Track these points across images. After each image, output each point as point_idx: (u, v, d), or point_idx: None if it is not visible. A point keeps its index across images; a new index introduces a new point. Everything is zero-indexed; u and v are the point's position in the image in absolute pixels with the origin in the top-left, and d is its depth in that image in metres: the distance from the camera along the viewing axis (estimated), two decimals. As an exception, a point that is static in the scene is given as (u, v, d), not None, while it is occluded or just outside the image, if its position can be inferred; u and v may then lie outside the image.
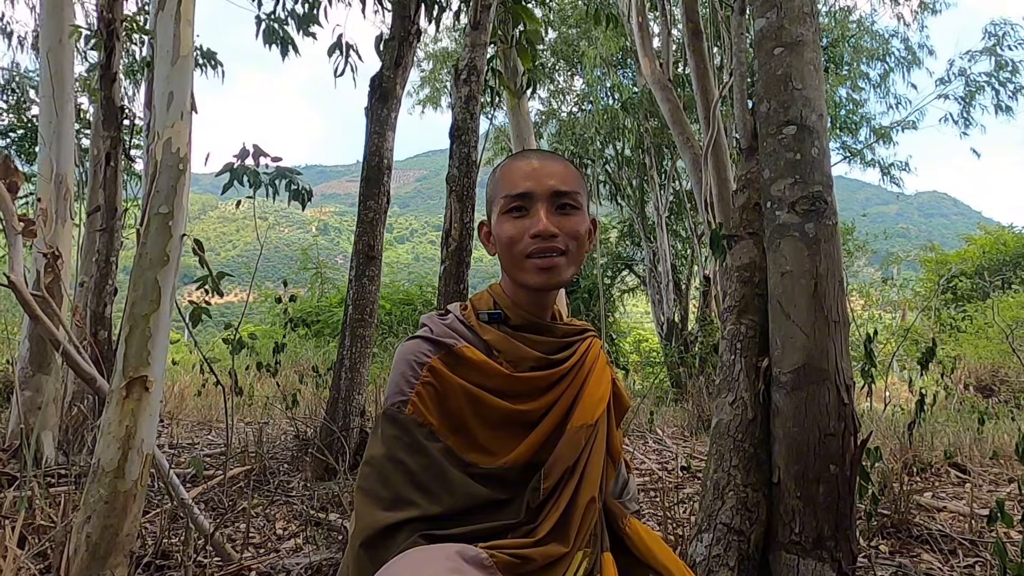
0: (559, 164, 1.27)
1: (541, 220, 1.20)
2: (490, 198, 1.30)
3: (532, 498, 1.18)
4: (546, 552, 1.15)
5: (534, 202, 1.22)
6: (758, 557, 1.99)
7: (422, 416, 1.18)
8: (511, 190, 1.23)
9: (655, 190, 14.29)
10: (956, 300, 17.57)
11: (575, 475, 1.21)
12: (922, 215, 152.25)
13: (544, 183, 1.22)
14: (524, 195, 1.22)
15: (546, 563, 1.14)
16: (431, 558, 1.04)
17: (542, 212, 1.21)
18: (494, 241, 1.28)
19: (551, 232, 1.20)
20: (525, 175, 1.24)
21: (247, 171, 3.60)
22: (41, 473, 3.01)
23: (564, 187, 1.23)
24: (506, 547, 1.12)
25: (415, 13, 4.37)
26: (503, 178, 1.27)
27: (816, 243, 2.03)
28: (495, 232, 1.27)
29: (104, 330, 4.62)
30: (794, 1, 2.18)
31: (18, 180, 2.46)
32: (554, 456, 1.21)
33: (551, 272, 1.21)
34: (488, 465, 1.19)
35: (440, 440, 1.18)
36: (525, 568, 1.11)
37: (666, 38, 9.32)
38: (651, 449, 4.88)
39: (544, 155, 1.29)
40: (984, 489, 3.68)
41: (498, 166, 1.32)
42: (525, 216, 1.22)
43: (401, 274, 20.62)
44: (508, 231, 1.23)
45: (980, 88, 14.66)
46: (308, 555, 2.57)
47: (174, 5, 2.25)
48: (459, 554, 1.05)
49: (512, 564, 1.10)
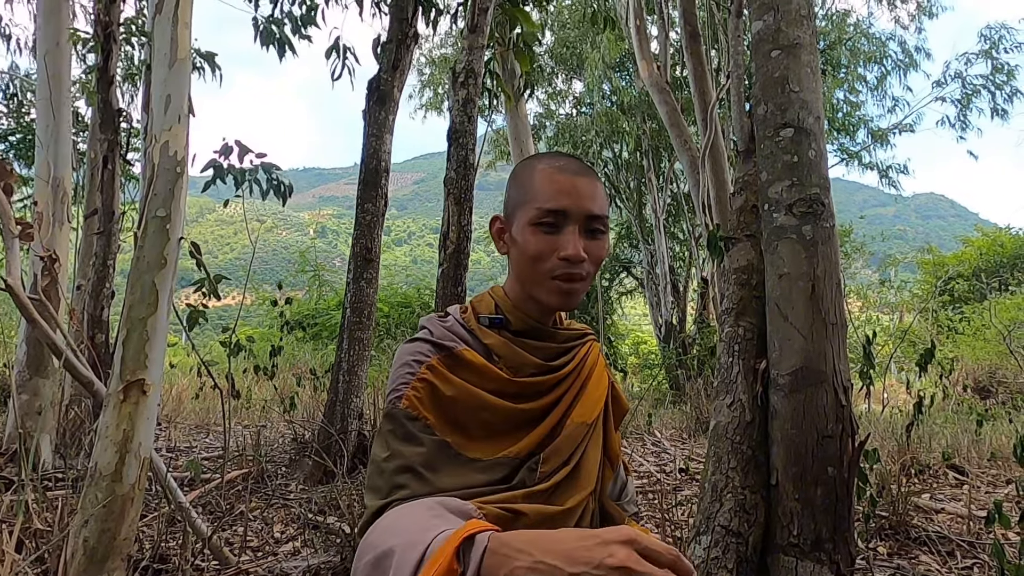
0: (596, 183, 1.23)
1: (572, 244, 1.17)
2: (517, 200, 1.24)
3: (528, 477, 1.18)
4: (539, 508, 1.13)
5: (568, 222, 1.18)
6: (756, 559, 1.99)
7: (416, 410, 1.17)
8: (546, 203, 1.18)
9: (653, 192, 14.31)
10: (953, 302, 17.59)
11: (571, 464, 1.21)
12: (919, 217, 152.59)
13: (582, 204, 1.18)
14: (559, 212, 1.18)
15: (538, 521, 1.11)
16: (414, 507, 1.01)
17: (575, 235, 1.18)
18: (509, 242, 1.25)
19: (581, 258, 1.17)
20: (564, 190, 1.19)
21: (230, 169, 3.59)
22: (38, 477, 3.01)
23: (598, 211, 1.20)
24: (496, 501, 1.10)
25: (412, 16, 4.38)
26: (540, 186, 1.21)
27: (813, 245, 2.03)
28: (518, 238, 1.22)
29: (101, 333, 4.62)
30: (791, 4, 2.19)
31: (13, 182, 2.46)
32: (553, 446, 1.21)
33: (571, 296, 1.20)
34: (488, 458, 1.18)
35: (436, 434, 1.16)
36: (516, 524, 1.08)
37: (664, 41, 9.34)
38: (649, 451, 4.88)
39: (580, 167, 1.24)
40: (982, 490, 3.69)
41: (528, 165, 1.26)
42: (555, 233, 1.18)
43: (399, 277, 20.62)
44: (535, 245, 1.19)
45: (976, 92, 14.73)
46: (306, 558, 2.57)
47: (171, 8, 2.25)
48: (441, 504, 1.02)
49: (502, 516, 1.07)
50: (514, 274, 1.26)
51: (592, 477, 1.24)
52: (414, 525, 0.94)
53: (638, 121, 13.98)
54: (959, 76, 14.97)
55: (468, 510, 1.03)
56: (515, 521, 1.09)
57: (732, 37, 2.80)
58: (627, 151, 15.42)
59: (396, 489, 1.12)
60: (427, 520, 0.95)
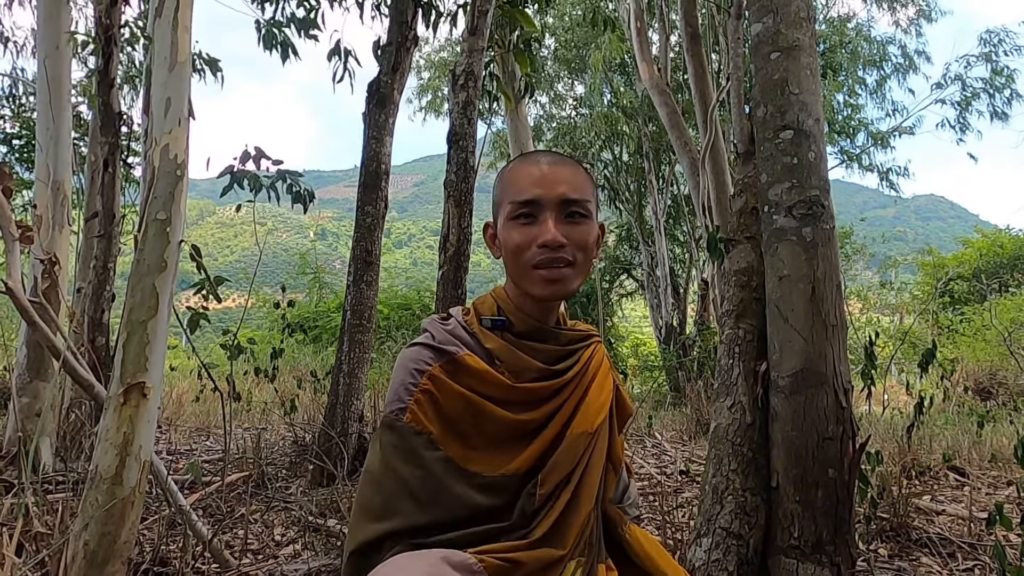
0: (569, 169, 1.23)
1: (549, 230, 1.17)
2: (497, 201, 1.26)
3: (527, 503, 1.17)
4: (538, 556, 1.13)
5: (542, 210, 1.18)
6: (757, 561, 1.99)
7: (420, 424, 1.16)
8: (518, 196, 1.20)
9: (653, 194, 14.31)
10: (953, 303, 17.58)
11: (572, 482, 1.20)
12: (919, 218, 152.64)
13: (553, 190, 1.19)
14: (532, 202, 1.18)
15: (537, 568, 1.12)
16: (413, 565, 1.02)
17: (550, 221, 1.17)
18: (499, 245, 1.26)
19: (559, 242, 1.17)
20: (534, 180, 1.20)
21: (247, 175, 3.58)
22: (39, 480, 3.00)
23: (574, 194, 1.19)
24: (496, 551, 1.10)
25: (412, 19, 4.38)
26: (511, 181, 1.23)
27: (814, 247, 2.03)
28: (501, 237, 1.24)
29: (102, 336, 4.61)
30: (791, 6, 2.19)
31: (10, 184, 2.46)
32: (552, 462, 1.19)
33: (558, 284, 1.19)
34: (490, 474, 1.17)
35: (439, 449, 1.16)
36: (515, 573, 1.09)
37: (664, 43, 9.35)
38: (650, 453, 4.87)
39: (554, 158, 1.25)
40: (983, 492, 3.68)
41: (506, 167, 1.28)
42: (533, 224, 1.19)
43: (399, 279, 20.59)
44: (515, 239, 1.19)
45: (976, 95, 14.75)
46: (306, 561, 2.56)
47: (172, 11, 2.25)
48: (444, 559, 1.03)
49: (502, 568, 1.08)
50: (507, 274, 1.26)
51: (592, 493, 1.23)
52: None
53: (639, 123, 13.99)
54: (959, 79, 15.00)
55: (470, 564, 1.05)
56: (515, 570, 1.10)
57: (732, 39, 2.80)
58: (627, 153, 15.42)
59: (392, 514, 1.13)
60: None
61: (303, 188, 3.93)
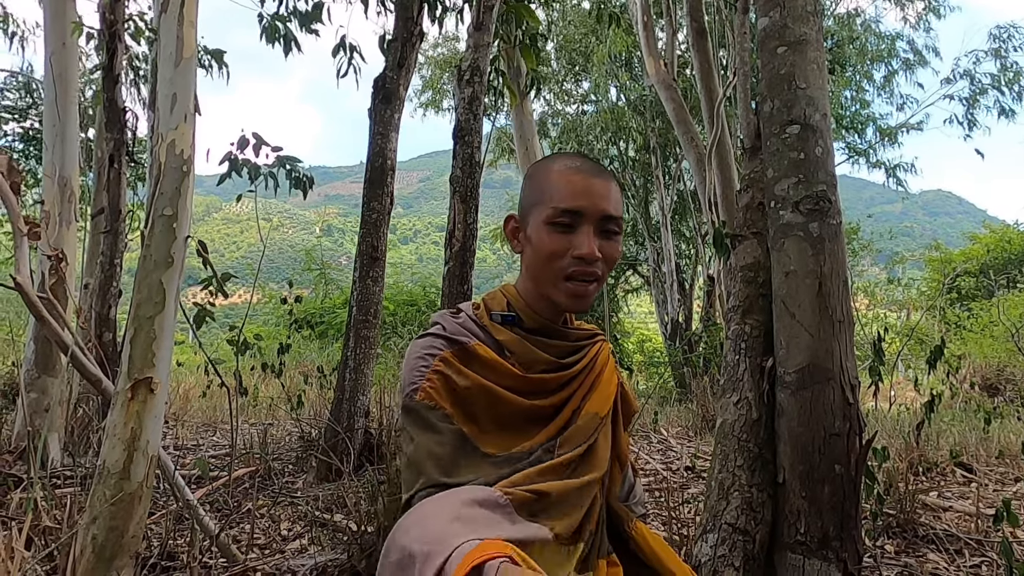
0: (611, 184, 1.24)
1: (587, 244, 1.18)
2: (533, 200, 1.25)
3: (545, 457, 1.20)
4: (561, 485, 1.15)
5: (583, 221, 1.19)
6: (763, 557, 1.99)
7: (433, 400, 1.18)
8: (562, 203, 1.19)
9: (659, 190, 14.27)
10: (961, 299, 17.51)
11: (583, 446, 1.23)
12: (927, 214, 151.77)
13: (597, 204, 1.20)
14: (574, 212, 1.19)
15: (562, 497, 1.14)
16: (440, 505, 1.04)
17: (589, 235, 1.19)
18: (523, 241, 1.26)
19: (595, 257, 1.18)
20: (580, 190, 1.20)
21: (246, 164, 3.57)
22: (47, 475, 3.02)
23: (614, 211, 1.21)
24: (521, 482, 1.12)
25: (418, 14, 4.37)
26: (555, 185, 1.22)
27: (820, 242, 2.02)
28: (533, 237, 1.23)
29: (109, 332, 4.63)
30: (797, 0, 2.18)
31: (19, 181, 2.47)
32: (567, 434, 1.23)
33: (583, 299, 1.21)
34: (503, 452, 1.20)
35: (454, 423, 1.18)
36: (541, 504, 1.11)
37: (671, 38, 9.32)
38: (655, 449, 4.87)
39: (598, 169, 1.25)
40: (990, 488, 3.67)
41: (547, 166, 1.27)
42: (570, 233, 1.19)
43: (405, 275, 20.63)
44: (550, 244, 1.20)
45: (984, 91, 14.65)
46: (313, 556, 2.57)
47: (177, 7, 2.25)
48: (471, 497, 1.05)
49: (528, 499, 1.10)
50: (528, 273, 1.26)
51: (604, 462, 1.25)
52: (436, 530, 0.97)
53: (647, 119, 13.95)
54: (967, 74, 14.89)
55: (495, 498, 1.06)
56: (540, 501, 1.11)
57: (738, 33, 2.79)
58: (634, 149, 15.37)
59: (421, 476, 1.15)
60: (449, 525, 0.97)
61: (303, 174, 3.92)
